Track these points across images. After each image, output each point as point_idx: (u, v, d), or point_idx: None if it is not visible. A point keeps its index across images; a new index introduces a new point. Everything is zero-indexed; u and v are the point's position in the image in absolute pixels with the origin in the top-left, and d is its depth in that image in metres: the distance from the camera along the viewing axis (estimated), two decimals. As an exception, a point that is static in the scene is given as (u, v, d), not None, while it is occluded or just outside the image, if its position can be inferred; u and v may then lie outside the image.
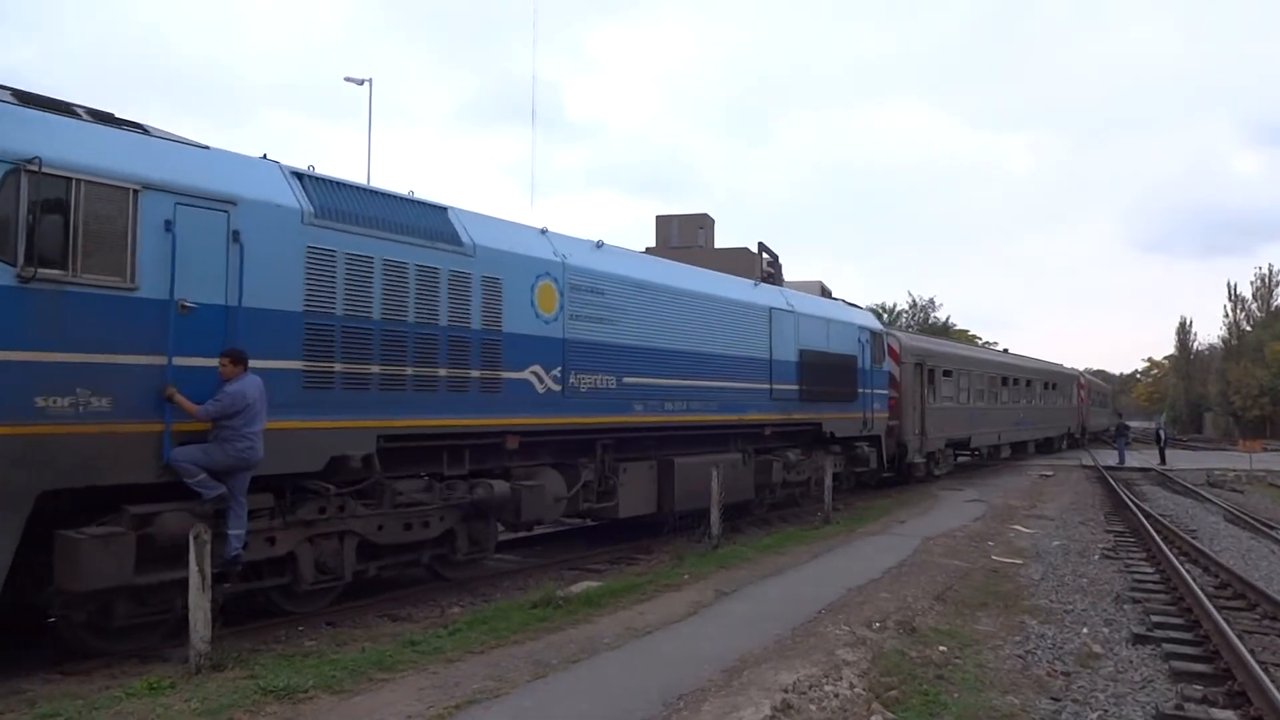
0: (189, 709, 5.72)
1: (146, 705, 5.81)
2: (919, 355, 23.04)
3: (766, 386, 15.09)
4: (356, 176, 10.86)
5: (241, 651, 7.26)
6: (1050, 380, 39.11)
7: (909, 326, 65.27)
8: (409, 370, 9.05)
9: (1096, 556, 13.30)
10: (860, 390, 18.42)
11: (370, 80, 26.63)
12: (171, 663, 6.99)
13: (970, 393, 27.03)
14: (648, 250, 59.28)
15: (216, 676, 6.46)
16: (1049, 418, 38.21)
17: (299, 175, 8.58)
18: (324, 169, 9.02)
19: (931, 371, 23.70)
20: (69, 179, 6.66)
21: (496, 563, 11.78)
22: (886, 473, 21.26)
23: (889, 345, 21.00)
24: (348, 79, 26.73)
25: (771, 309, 15.53)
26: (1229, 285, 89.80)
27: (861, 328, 19.08)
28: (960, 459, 29.29)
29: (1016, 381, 32.90)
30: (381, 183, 10.27)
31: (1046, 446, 39.28)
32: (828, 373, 17.02)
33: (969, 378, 27.03)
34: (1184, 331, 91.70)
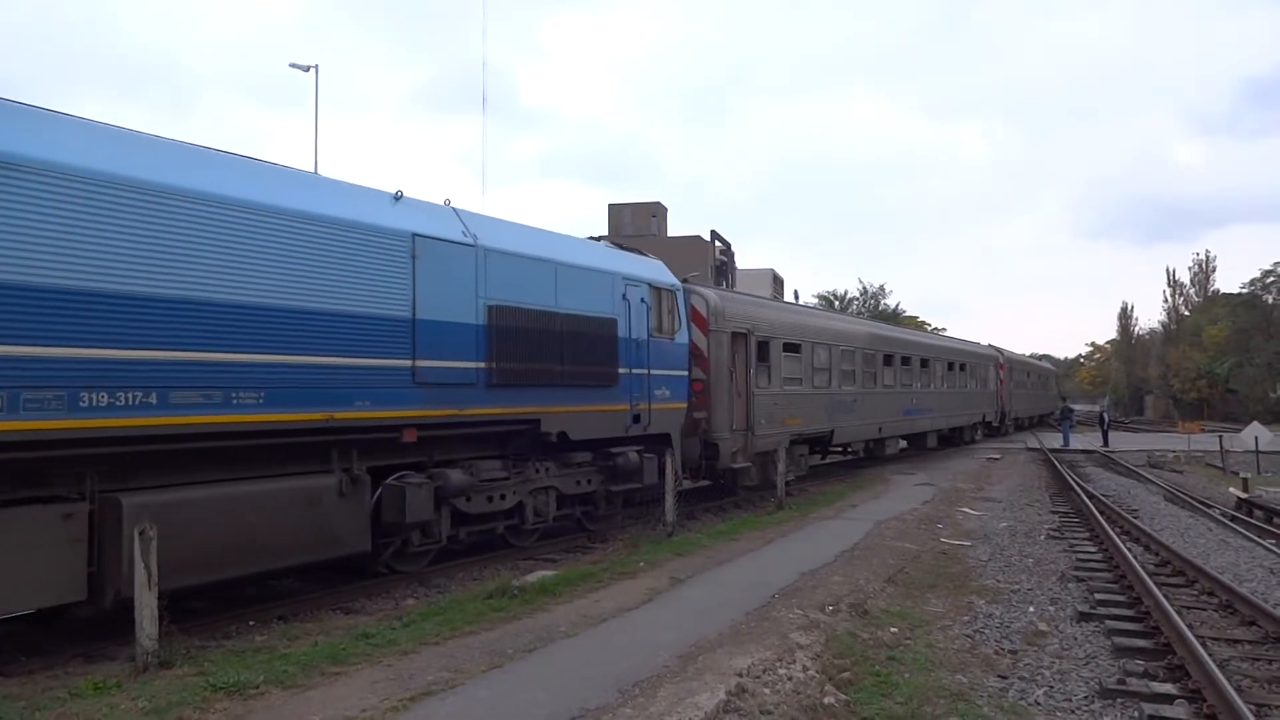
0: (136, 708, 5.62)
1: (92, 705, 5.69)
2: (743, 322, 16.61)
3: (404, 363, 9.35)
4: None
5: (190, 648, 7.13)
6: (957, 360, 32.46)
7: (860, 313, 65.74)
8: None
9: (1042, 537, 13.58)
10: (625, 370, 12.70)
11: (316, 67, 26.11)
12: (118, 661, 6.85)
13: (832, 374, 20.60)
14: (599, 239, 59.14)
15: (165, 674, 6.35)
16: (955, 404, 31.83)
17: None
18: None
19: (765, 345, 17.36)
20: None
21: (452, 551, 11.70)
22: (686, 482, 15.44)
23: (692, 307, 15.25)
24: (293, 65, 26.21)
25: (417, 237, 9.55)
26: (1168, 271, 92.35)
27: (630, 279, 13.11)
28: (830, 457, 23.88)
29: (907, 361, 26.37)
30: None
31: (954, 438, 33.37)
32: (555, 343, 11.33)
33: (830, 354, 20.59)
34: (1125, 316, 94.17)
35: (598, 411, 12.30)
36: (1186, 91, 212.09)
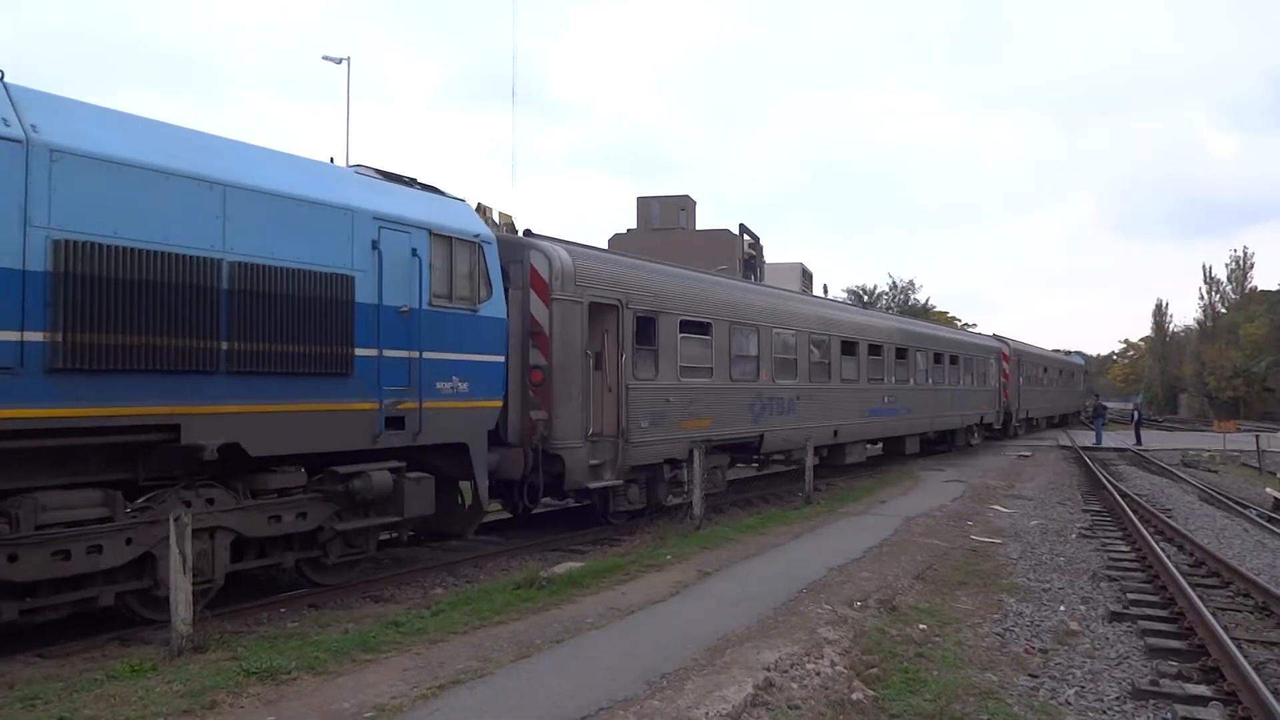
0: (171, 691, 5.71)
1: (128, 687, 5.79)
2: (612, 290, 12.49)
3: None
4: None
5: (223, 633, 7.25)
6: (946, 350, 27.36)
7: (889, 308, 65.17)
8: None
9: (1074, 536, 13.45)
10: (369, 352, 8.96)
11: (348, 59, 26.33)
12: (153, 645, 6.96)
13: (761, 363, 16.30)
14: (629, 232, 59.39)
15: (198, 658, 6.45)
16: (942, 402, 26.82)
17: None
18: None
19: (649, 322, 13.27)
20: None
21: (481, 543, 11.80)
22: (512, 507, 12.53)
23: (531, 268, 11.45)
24: (325, 58, 26.48)
25: None
26: (1204, 268, 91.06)
27: (390, 221, 9.26)
28: (765, 468, 19.78)
29: (876, 350, 21.84)
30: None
31: (944, 441, 28.25)
32: (214, 307, 7.61)
33: (759, 337, 16.25)
34: (1160, 314, 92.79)
35: (310, 412, 8.44)
36: (1222, 84, 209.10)
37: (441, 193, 10.53)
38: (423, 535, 11.29)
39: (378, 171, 10.03)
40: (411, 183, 10.25)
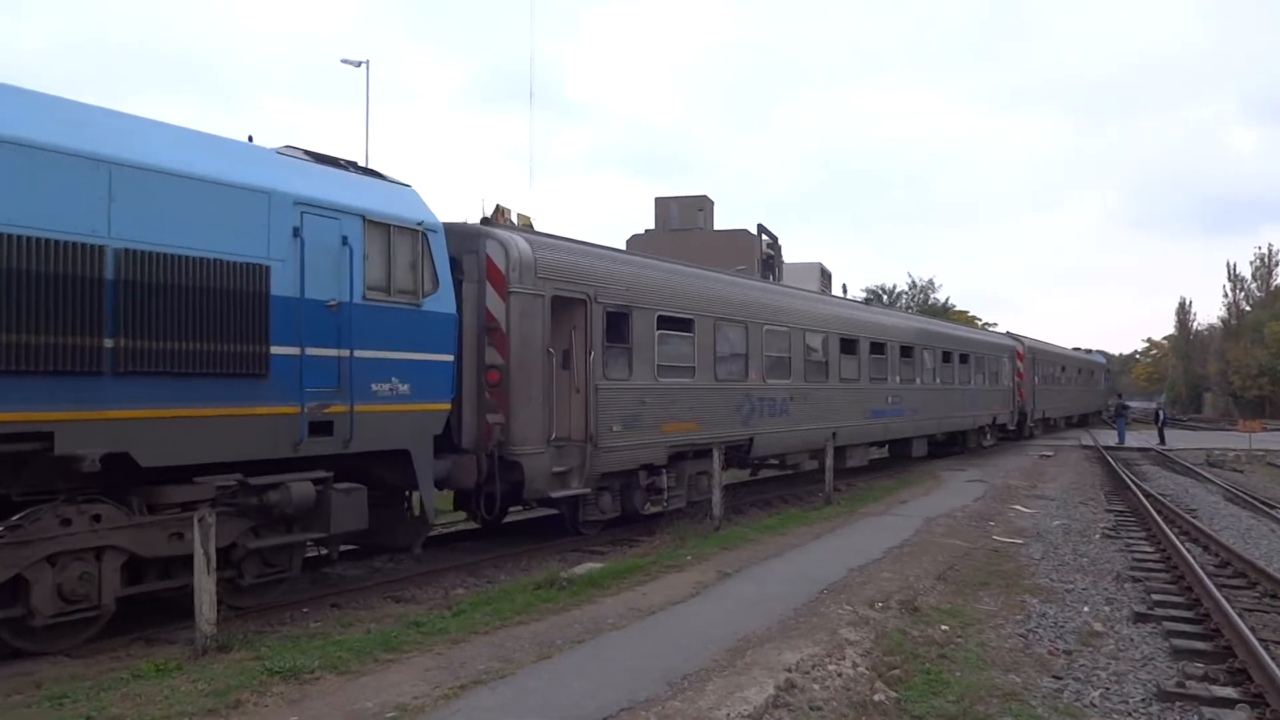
0: (196, 690, 5.76)
1: (154, 686, 5.84)
2: (579, 282, 11.67)
3: None
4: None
5: (247, 633, 7.31)
6: (955, 349, 26.13)
7: (908, 308, 64.77)
8: None
9: (1097, 536, 13.34)
10: (290, 350, 8.10)
11: (367, 62, 26.46)
12: (178, 644, 7.03)
13: (751, 361, 15.32)
14: (646, 233, 59.43)
15: (223, 658, 6.51)
16: (951, 403, 25.63)
17: None
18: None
19: (622, 317, 12.38)
20: None
21: (500, 544, 11.82)
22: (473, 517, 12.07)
23: (487, 258, 10.62)
24: (344, 61, 26.63)
25: None
26: (1228, 265, 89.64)
27: (315, 206, 8.37)
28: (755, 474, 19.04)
29: (879, 348, 20.69)
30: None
31: (955, 443, 27.20)
32: (96, 300, 6.77)
33: (747, 334, 15.26)
34: (1183, 312, 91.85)
35: (216, 417, 7.57)
36: (1245, 77, 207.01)
37: (384, 177, 9.77)
38: (368, 550, 10.63)
39: (306, 153, 9.14)
40: (349, 165, 9.45)
